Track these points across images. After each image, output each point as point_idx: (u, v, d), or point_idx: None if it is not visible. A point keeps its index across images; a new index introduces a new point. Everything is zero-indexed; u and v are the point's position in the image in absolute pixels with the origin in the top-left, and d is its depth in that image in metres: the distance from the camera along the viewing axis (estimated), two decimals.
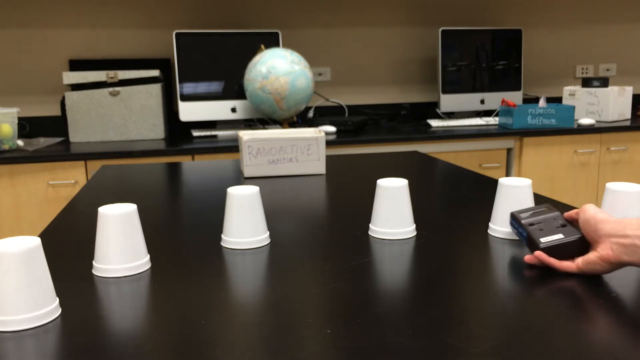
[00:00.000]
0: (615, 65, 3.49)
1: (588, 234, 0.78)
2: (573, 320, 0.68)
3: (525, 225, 0.86)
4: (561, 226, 0.84)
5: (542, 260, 0.81)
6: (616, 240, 0.72)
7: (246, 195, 0.95)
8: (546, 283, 0.78)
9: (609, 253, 0.73)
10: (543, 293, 0.75)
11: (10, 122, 2.38)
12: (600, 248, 0.74)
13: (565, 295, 0.74)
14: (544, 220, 0.87)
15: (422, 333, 0.64)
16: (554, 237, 0.82)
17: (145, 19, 2.85)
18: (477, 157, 2.71)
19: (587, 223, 0.77)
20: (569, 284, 0.77)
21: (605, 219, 0.75)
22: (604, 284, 0.77)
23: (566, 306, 0.71)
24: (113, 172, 1.71)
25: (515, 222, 0.91)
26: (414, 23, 3.17)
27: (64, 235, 1.07)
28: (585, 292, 0.75)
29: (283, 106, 2.54)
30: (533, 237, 0.84)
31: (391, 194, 0.99)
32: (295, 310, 0.71)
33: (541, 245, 0.82)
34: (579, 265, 0.78)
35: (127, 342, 0.63)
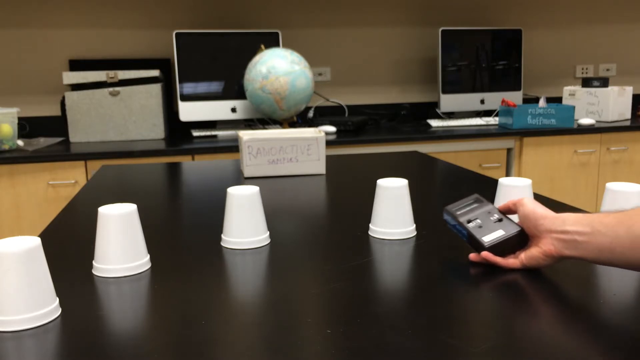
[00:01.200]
0: (615, 65, 3.49)
1: (528, 229, 0.80)
2: (572, 319, 0.68)
3: (464, 223, 0.86)
4: (498, 220, 0.85)
5: (489, 260, 0.82)
6: (557, 235, 0.74)
7: (246, 195, 0.95)
8: (545, 282, 0.79)
9: (550, 248, 0.75)
10: (543, 292, 0.76)
11: (10, 122, 2.38)
12: (542, 243, 0.77)
13: (565, 294, 0.74)
14: (480, 216, 0.87)
15: (422, 333, 0.64)
16: (495, 234, 0.83)
17: (145, 19, 2.85)
18: (477, 157, 2.71)
19: (527, 218, 0.79)
20: (567, 284, 0.77)
21: (544, 214, 0.77)
22: (603, 284, 0.77)
23: (566, 305, 0.71)
24: (113, 172, 1.71)
25: (451, 218, 0.89)
26: (414, 23, 3.17)
27: (64, 235, 1.07)
28: (585, 292, 0.75)
29: (283, 106, 2.54)
30: (475, 236, 0.84)
31: (391, 194, 0.99)
32: (295, 310, 0.71)
33: (486, 245, 0.82)
34: (522, 261, 0.80)
35: (127, 342, 0.63)
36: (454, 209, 0.90)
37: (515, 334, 0.64)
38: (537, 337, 0.63)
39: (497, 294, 0.75)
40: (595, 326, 0.66)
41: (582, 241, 0.71)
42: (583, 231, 0.71)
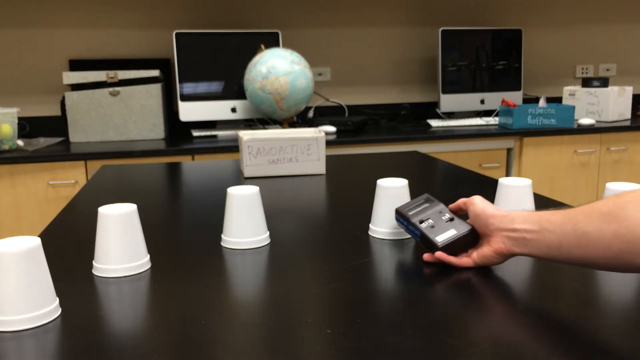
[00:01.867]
0: (615, 65, 3.49)
1: (479, 227, 0.82)
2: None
3: (416, 223, 0.87)
4: (449, 220, 0.87)
5: (443, 260, 0.83)
6: (507, 234, 0.76)
7: (246, 195, 0.95)
8: (544, 281, 0.79)
9: (501, 246, 0.77)
10: (542, 291, 0.76)
11: (10, 122, 2.38)
12: (493, 242, 0.78)
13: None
14: (431, 216, 0.88)
15: (422, 333, 0.64)
16: (447, 233, 0.84)
17: (145, 19, 2.85)
18: (477, 157, 2.71)
19: (477, 217, 0.81)
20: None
21: (494, 213, 0.79)
22: (602, 285, 0.77)
23: (565, 305, 0.71)
24: (113, 172, 1.71)
25: (402, 219, 0.90)
26: (414, 23, 3.17)
27: (64, 235, 1.07)
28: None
29: (283, 106, 2.54)
30: (429, 236, 0.85)
31: (391, 194, 0.99)
32: (295, 310, 0.71)
33: (439, 245, 0.83)
34: (474, 259, 0.82)
35: (127, 342, 0.63)
36: (406, 209, 0.90)
37: (516, 333, 0.64)
38: (537, 336, 0.63)
39: (498, 293, 0.75)
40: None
41: (531, 239, 0.73)
42: (532, 229, 0.72)
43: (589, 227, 0.65)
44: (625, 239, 0.61)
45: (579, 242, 0.66)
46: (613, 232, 0.62)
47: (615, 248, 0.62)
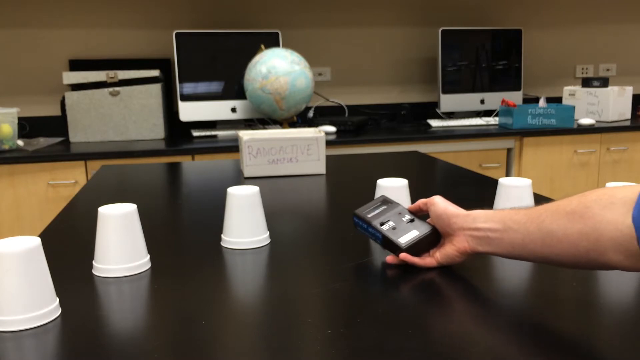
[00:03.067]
0: (615, 65, 3.49)
1: (441, 227, 0.82)
2: (575, 316, 0.68)
3: (377, 226, 0.86)
4: (410, 221, 0.87)
5: (407, 261, 0.83)
6: (470, 233, 0.77)
7: (246, 195, 0.95)
8: (547, 280, 0.79)
9: (465, 245, 0.78)
10: (542, 291, 0.76)
11: (10, 122, 2.38)
12: (456, 241, 0.79)
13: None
14: (391, 217, 0.87)
15: (422, 333, 0.64)
16: (410, 235, 0.84)
17: (145, 19, 2.85)
18: (477, 157, 2.71)
19: (439, 218, 0.82)
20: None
21: (455, 212, 0.80)
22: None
23: (565, 304, 0.71)
24: (113, 172, 1.71)
25: (362, 222, 0.88)
26: (414, 23, 3.17)
27: (64, 235, 1.07)
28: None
29: (283, 106, 2.54)
30: (391, 238, 0.84)
31: (391, 194, 0.99)
32: (295, 310, 0.71)
33: (403, 247, 0.83)
34: (437, 259, 0.82)
35: (127, 342, 0.63)
36: (364, 212, 0.89)
37: (516, 333, 0.64)
38: (537, 335, 0.63)
39: (498, 293, 0.75)
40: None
41: (494, 238, 0.73)
42: (495, 228, 0.73)
43: (554, 226, 0.65)
44: (590, 237, 0.61)
45: (544, 241, 0.67)
46: (578, 230, 0.63)
47: (581, 246, 0.63)
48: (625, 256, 0.59)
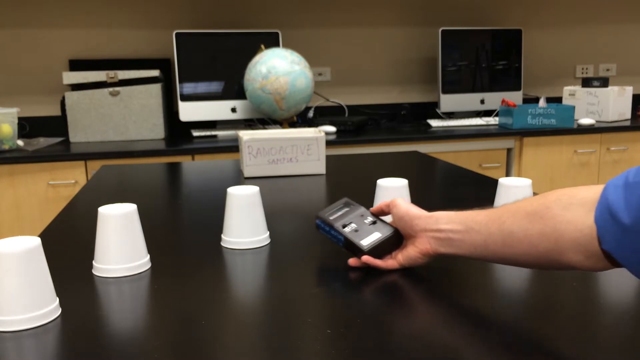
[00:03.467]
0: (615, 65, 3.49)
1: (403, 229, 0.82)
2: (575, 317, 0.68)
3: (339, 228, 0.85)
4: (372, 223, 0.86)
5: (369, 263, 0.83)
6: (432, 234, 0.77)
7: (246, 195, 0.95)
8: (546, 281, 0.79)
9: (427, 247, 0.78)
10: (544, 291, 0.76)
11: (10, 122, 2.38)
12: (418, 242, 0.79)
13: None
14: (354, 220, 0.87)
15: (422, 333, 0.64)
16: (372, 237, 0.84)
17: (145, 19, 2.85)
18: (477, 157, 2.71)
19: (402, 219, 0.82)
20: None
21: (418, 214, 0.80)
22: (602, 286, 0.77)
23: (565, 304, 0.71)
24: (113, 172, 1.71)
25: (325, 225, 0.88)
26: (414, 23, 3.17)
27: (64, 235, 1.07)
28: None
29: (283, 106, 2.54)
30: (353, 241, 0.83)
31: (391, 194, 0.99)
32: (295, 310, 0.71)
33: (365, 249, 0.82)
34: (400, 261, 0.82)
35: (127, 342, 0.63)
36: (327, 214, 0.88)
37: (516, 333, 0.64)
38: (537, 335, 0.63)
39: (497, 293, 0.75)
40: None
41: (456, 239, 0.73)
42: (457, 229, 0.73)
43: (515, 227, 0.66)
44: (551, 238, 0.62)
45: (505, 242, 0.67)
46: (539, 231, 0.63)
47: (541, 247, 0.63)
48: (585, 256, 0.59)
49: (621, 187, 0.55)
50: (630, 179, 0.55)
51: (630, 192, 0.54)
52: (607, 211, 0.55)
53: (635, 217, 0.53)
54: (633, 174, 0.55)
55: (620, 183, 0.56)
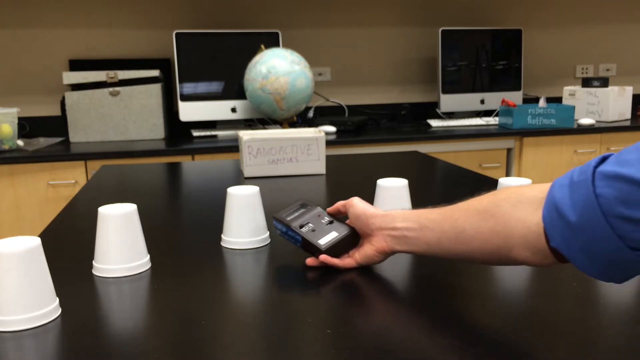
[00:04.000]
0: (615, 65, 3.49)
1: (360, 228, 0.83)
2: (575, 317, 0.68)
3: (297, 228, 0.86)
4: (329, 223, 0.88)
5: (327, 263, 0.83)
6: (388, 232, 0.78)
7: (246, 195, 0.95)
8: (547, 279, 0.79)
9: (383, 245, 0.79)
10: (547, 291, 0.76)
11: (10, 122, 2.38)
12: (375, 241, 0.80)
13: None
14: (311, 220, 0.88)
15: (422, 333, 0.64)
16: (329, 236, 0.85)
17: (145, 19, 2.85)
18: (477, 157, 2.71)
19: (358, 219, 0.83)
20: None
21: (374, 213, 0.81)
22: (602, 286, 0.77)
23: (565, 304, 0.71)
24: (113, 172, 1.71)
25: (282, 225, 0.88)
26: (414, 23, 3.17)
27: (64, 235, 1.07)
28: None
29: (283, 106, 2.54)
30: (311, 240, 0.84)
31: (391, 194, 0.99)
32: (295, 310, 0.71)
33: (323, 248, 0.83)
34: (357, 260, 0.83)
35: (127, 342, 0.63)
36: (284, 215, 0.89)
37: (516, 333, 0.64)
38: (536, 335, 0.63)
39: (497, 293, 0.75)
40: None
41: (411, 237, 0.75)
42: (412, 227, 0.75)
43: (467, 225, 0.67)
44: (501, 235, 0.63)
45: (458, 239, 0.69)
46: (490, 228, 0.65)
47: (492, 244, 0.65)
48: (533, 253, 0.61)
49: (567, 185, 0.57)
50: (575, 178, 0.56)
51: (575, 191, 0.55)
52: (554, 209, 0.57)
53: (581, 215, 0.54)
54: (577, 173, 0.57)
55: (565, 182, 0.57)
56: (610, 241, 0.52)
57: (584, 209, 0.54)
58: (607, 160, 0.55)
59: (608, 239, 0.52)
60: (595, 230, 0.53)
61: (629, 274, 0.55)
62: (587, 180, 0.54)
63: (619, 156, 0.54)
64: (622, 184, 0.51)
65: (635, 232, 0.51)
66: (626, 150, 0.54)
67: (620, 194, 0.51)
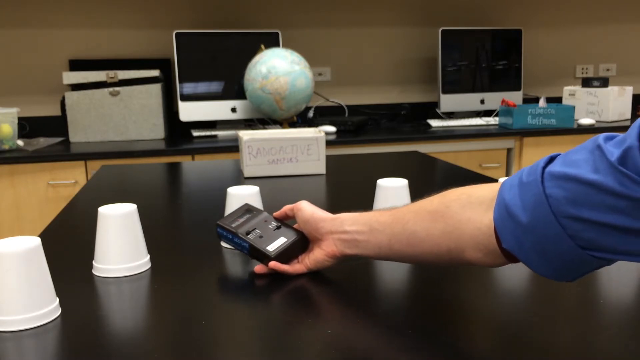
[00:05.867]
0: (615, 65, 3.49)
1: (309, 233, 0.82)
2: (575, 317, 0.68)
3: (243, 235, 0.82)
4: (277, 228, 0.85)
5: (277, 269, 0.81)
6: (338, 236, 0.77)
7: (246, 195, 0.95)
8: (548, 280, 0.79)
9: (333, 249, 0.77)
10: (547, 291, 0.76)
11: (10, 122, 2.38)
12: (325, 245, 0.79)
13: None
14: (257, 225, 0.85)
15: (422, 333, 0.64)
16: (277, 242, 0.82)
17: (145, 19, 2.85)
18: (477, 157, 2.71)
19: (307, 223, 0.81)
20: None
21: (323, 217, 0.80)
22: (602, 286, 0.77)
23: (565, 304, 0.71)
24: (113, 172, 1.71)
25: (227, 233, 0.85)
26: (414, 23, 3.17)
27: (64, 235, 1.07)
28: (586, 293, 0.75)
29: (283, 106, 2.54)
30: (258, 247, 0.81)
31: (391, 194, 0.99)
32: (295, 310, 0.71)
33: (272, 255, 0.80)
34: (307, 265, 0.81)
35: (127, 342, 0.63)
36: (228, 222, 0.85)
37: (516, 333, 0.64)
38: (537, 335, 0.63)
39: (497, 293, 0.75)
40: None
41: (362, 240, 0.74)
42: (362, 230, 0.74)
43: (418, 227, 0.67)
44: (452, 236, 0.63)
45: (409, 241, 0.68)
46: (441, 230, 0.64)
47: (443, 245, 0.64)
48: (484, 254, 0.61)
49: (516, 186, 0.57)
50: (524, 178, 0.56)
51: (524, 191, 0.55)
52: (505, 210, 0.57)
53: (532, 215, 0.54)
54: (526, 174, 0.57)
55: (515, 182, 0.57)
56: (561, 241, 0.53)
57: (534, 210, 0.54)
58: (554, 161, 0.56)
59: (559, 238, 0.53)
60: (546, 230, 0.53)
61: (581, 272, 0.55)
62: (536, 180, 0.54)
63: (566, 157, 0.54)
64: (571, 184, 0.51)
65: (585, 232, 0.51)
66: (572, 151, 0.54)
67: (569, 194, 0.51)
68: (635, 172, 0.48)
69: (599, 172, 0.50)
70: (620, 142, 0.50)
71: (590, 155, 0.52)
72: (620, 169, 0.48)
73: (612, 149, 0.50)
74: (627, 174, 0.48)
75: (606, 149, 0.50)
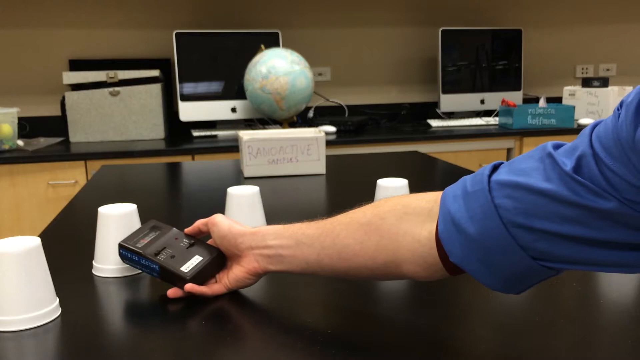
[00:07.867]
0: (615, 65, 3.49)
1: (227, 249, 0.75)
2: (575, 317, 0.68)
3: (152, 256, 0.74)
4: (190, 245, 0.77)
5: (193, 292, 0.73)
6: (259, 251, 0.71)
7: (246, 195, 0.95)
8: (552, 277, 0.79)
9: (255, 265, 0.71)
10: (547, 291, 0.76)
11: (10, 122, 2.38)
12: (245, 262, 0.73)
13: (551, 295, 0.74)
14: (167, 244, 0.77)
15: (422, 333, 0.64)
16: (192, 262, 0.74)
17: (145, 19, 2.85)
18: (477, 157, 2.71)
19: (224, 238, 0.74)
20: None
21: (242, 231, 0.73)
22: (602, 286, 0.77)
23: (565, 304, 0.71)
24: (113, 172, 1.71)
25: (132, 254, 0.75)
26: (414, 23, 3.17)
27: (64, 235, 1.07)
28: (586, 293, 0.75)
29: (283, 106, 2.54)
30: (171, 269, 0.73)
31: (391, 194, 0.99)
32: (295, 310, 0.71)
33: (188, 277, 0.73)
34: (226, 284, 0.75)
35: (127, 342, 0.63)
36: (132, 242, 0.76)
37: (516, 333, 0.64)
38: (538, 335, 0.63)
39: (497, 294, 0.75)
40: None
41: (287, 255, 0.68)
42: (287, 244, 0.68)
43: (351, 240, 0.63)
44: (388, 249, 0.60)
45: (341, 256, 0.64)
46: (375, 243, 0.61)
47: (379, 259, 0.61)
48: (423, 267, 0.58)
49: (460, 197, 0.55)
50: (468, 188, 0.54)
51: (470, 202, 0.53)
52: (451, 223, 0.54)
53: (481, 226, 0.52)
54: (470, 183, 0.54)
55: (459, 192, 0.55)
56: (512, 252, 0.51)
57: (483, 220, 0.52)
58: (499, 169, 0.53)
59: (510, 249, 0.51)
60: (496, 241, 0.51)
61: (531, 283, 0.54)
62: (483, 190, 0.52)
63: (512, 165, 0.52)
64: (521, 194, 0.50)
65: (537, 242, 0.50)
66: (518, 159, 0.52)
67: (520, 204, 0.50)
68: (591, 181, 0.46)
69: (551, 181, 0.48)
70: (571, 151, 0.48)
71: (540, 163, 0.50)
72: (576, 178, 0.47)
73: (563, 158, 0.48)
74: (583, 183, 0.46)
75: (558, 158, 0.49)
